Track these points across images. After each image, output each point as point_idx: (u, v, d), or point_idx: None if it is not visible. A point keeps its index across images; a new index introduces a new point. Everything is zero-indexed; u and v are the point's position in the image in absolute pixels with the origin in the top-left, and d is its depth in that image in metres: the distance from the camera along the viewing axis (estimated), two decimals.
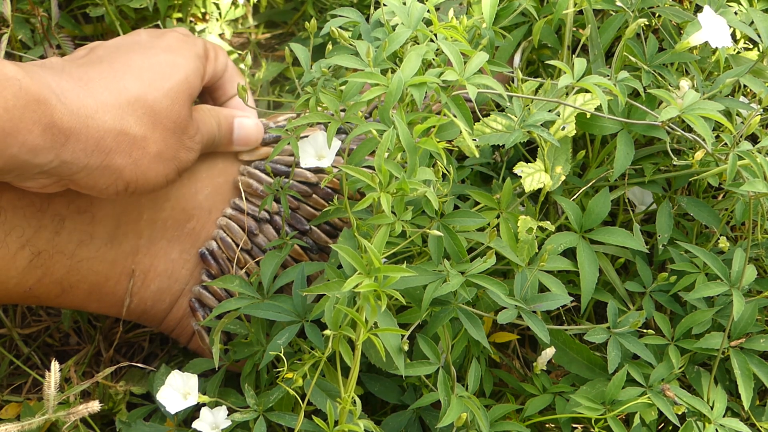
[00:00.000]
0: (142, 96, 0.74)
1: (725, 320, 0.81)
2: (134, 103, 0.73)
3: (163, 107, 0.75)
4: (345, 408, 0.68)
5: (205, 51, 0.82)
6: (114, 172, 0.73)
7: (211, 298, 0.86)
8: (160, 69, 0.76)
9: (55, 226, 0.79)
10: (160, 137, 0.75)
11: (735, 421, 0.78)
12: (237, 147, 0.86)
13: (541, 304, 0.76)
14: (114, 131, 0.72)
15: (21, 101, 0.65)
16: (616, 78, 0.77)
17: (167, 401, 0.76)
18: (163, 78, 0.75)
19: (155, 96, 0.74)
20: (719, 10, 0.81)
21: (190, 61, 0.78)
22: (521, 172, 0.78)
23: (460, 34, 0.73)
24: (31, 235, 0.78)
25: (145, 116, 0.74)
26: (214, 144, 0.83)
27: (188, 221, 0.86)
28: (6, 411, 0.94)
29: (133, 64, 0.75)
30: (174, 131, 0.76)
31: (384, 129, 0.68)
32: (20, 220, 0.77)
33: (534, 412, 0.82)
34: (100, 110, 0.71)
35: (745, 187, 0.73)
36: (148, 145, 0.74)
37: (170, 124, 0.75)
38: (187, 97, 0.77)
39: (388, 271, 0.64)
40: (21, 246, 0.78)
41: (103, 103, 0.71)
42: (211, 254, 0.86)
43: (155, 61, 0.76)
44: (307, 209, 0.87)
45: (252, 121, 0.86)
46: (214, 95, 0.88)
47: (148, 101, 0.74)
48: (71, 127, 0.69)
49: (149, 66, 0.75)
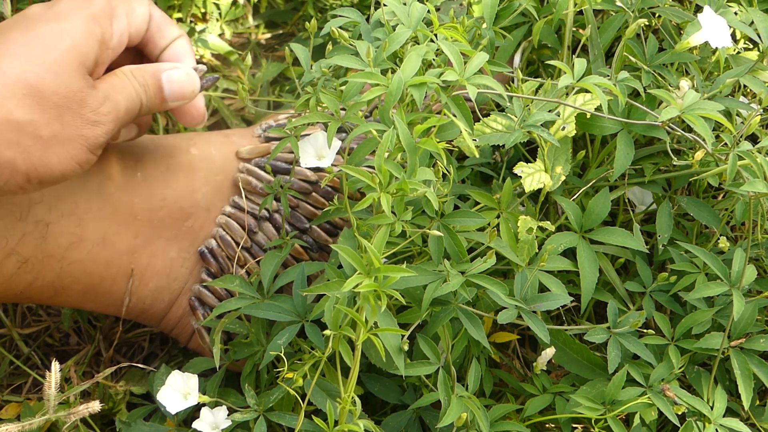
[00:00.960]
0: (21, 75, 0.66)
1: (725, 320, 0.81)
2: (11, 85, 0.65)
3: (47, 83, 0.67)
4: (345, 408, 0.68)
5: (107, 8, 0.72)
6: (5, 167, 0.67)
7: (211, 296, 0.86)
8: (41, 42, 0.68)
9: (40, 232, 0.78)
10: (52, 117, 0.67)
11: (735, 421, 0.78)
12: (172, 103, 0.77)
13: (541, 304, 0.76)
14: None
15: None
16: (616, 78, 0.77)
17: (167, 401, 0.76)
18: (44, 50, 0.67)
19: (36, 72, 0.66)
20: (719, 11, 0.81)
21: (78, 25, 0.70)
22: (521, 172, 0.78)
23: (460, 34, 0.73)
24: (16, 243, 0.77)
25: (26, 97, 0.66)
26: (142, 109, 0.75)
27: (186, 220, 0.86)
28: (6, 411, 0.94)
29: (10, 42, 0.67)
30: (68, 107, 0.68)
31: (384, 129, 0.68)
32: (1, 230, 0.76)
33: (534, 412, 0.82)
34: None
35: (745, 187, 0.73)
36: (38, 128, 0.67)
37: (60, 100, 0.68)
38: (77, 66, 0.69)
39: (388, 271, 0.64)
40: (6, 255, 0.77)
41: None
42: (211, 252, 0.86)
43: (35, 34, 0.68)
44: (307, 207, 0.87)
45: (181, 71, 0.77)
46: (146, 51, 0.80)
47: (28, 80, 0.66)
48: None
49: (28, 40, 0.67)
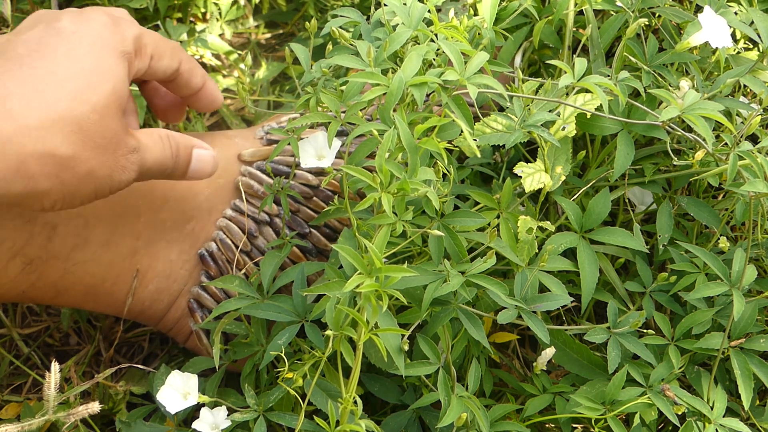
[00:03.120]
0: (68, 112, 0.67)
1: (725, 320, 0.81)
2: (59, 121, 0.66)
3: (92, 123, 0.68)
4: (346, 408, 0.68)
5: (137, 46, 0.73)
6: (39, 195, 0.67)
7: (210, 299, 0.86)
8: (86, 78, 0.68)
9: (47, 234, 0.78)
10: (92, 155, 0.68)
11: (735, 421, 0.78)
12: (190, 178, 0.79)
13: (541, 304, 0.76)
14: (36, 155, 0.65)
15: None
16: (616, 78, 0.77)
17: (167, 401, 0.76)
18: (89, 88, 0.68)
19: (82, 111, 0.67)
20: (719, 11, 0.81)
21: (117, 65, 0.71)
22: (521, 173, 0.78)
23: (460, 34, 0.73)
24: (23, 244, 0.77)
25: (72, 134, 0.67)
26: (166, 172, 0.77)
27: (188, 222, 0.86)
28: (6, 411, 0.94)
29: (57, 71, 0.68)
30: (106, 148, 0.69)
31: (385, 129, 0.68)
32: (10, 232, 0.76)
33: (534, 412, 0.82)
34: (18, 133, 0.64)
35: (746, 187, 0.73)
36: (78, 164, 0.68)
37: (101, 141, 0.69)
38: (116, 109, 0.70)
39: (389, 271, 0.64)
40: (12, 256, 0.77)
41: (24, 125, 0.65)
42: (211, 255, 0.86)
43: (80, 68, 0.68)
44: (308, 212, 0.87)
45: (210, 153, 0.80)
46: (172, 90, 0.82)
47: (75, 117, 0.67)
48: None
49: (74, 74, 0.68)
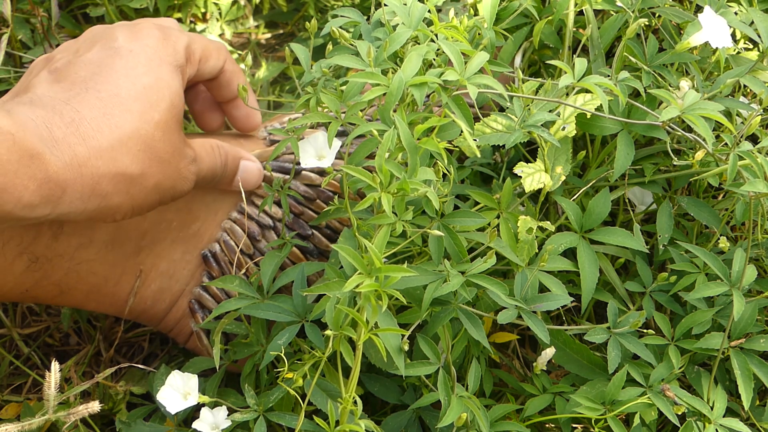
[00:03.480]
0: (135, 132, 0.71)
1: (725, 320, 0.81)
2: (128, 141, 0.70)
3: (157, 139, 0.72)
4: (346, 408, 0.68)
5: (187, 55, 0.77)
6: (111, 210, 0.71)
7: (211, 300, 0.86)
8: (147, 97, 0.72)
9: (53, 232, 0.79)
10: (158, 170, 0.73)
11: (735, 421, 0.78)
12: (235, 188, 0.84)
13: (541, 304, 0.76)
14: (109, 175, 0.69)
15: (15, 156, 0.63)
16: (616, 78, 0.77)
17: (167, 401, 0.76)
18: (151, 107, 0.72)
19: (147, 130, 0.71)
20: (719, 11, 0.81)
21: (173, 79, 0.75)
22: (521, 173, 0.78)
23: (460, 34, 0.73)
24: (29, 242, 0.78)
25: (141, 153, 0.71)
26: (215, 180, 0.81)
27: (194, 222, 0.86)
28: (6, 411, 0.94)
29: (120, 93, 0.71)
30: (170, 162, 0.74)
31: (385, 129, 0.68)
32: (17, 230, 0.77)
33: (534, 412, 0.82)
34: (93, 156, 0.68)
35: (746, 187, 0.73)
36: (146, 180, 0.72)
37: (165, 155, 0.73)
38: (176, 123, 0.74)
39: (389, 271, 0.64)
40: (19, 253, 0.77)
41: (96, 148, 0.68)
42: (214, 257, 0.86)
43: (140, 87, 0.72)
44: (311, 215, 0.87)
45: (256, 165, 0.84)
46: (212, 92, 0.86)
47: (141, 137, 0.71)
48: (66, 179, 0.66)
49: (136, 94, 0.72)
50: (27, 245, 0.77)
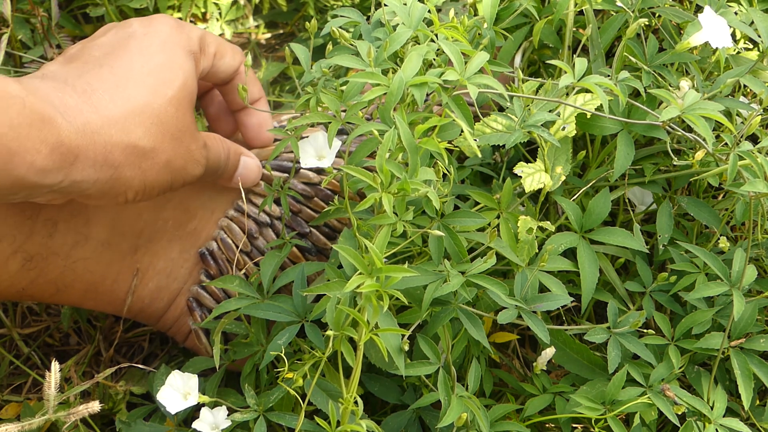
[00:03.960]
0: (148, 105, 0.71)
1: (725, 320, 0.81)
2: (140, 114, 0.71)
3: (170, 116, 0.73)
4: (347, 408, 0.68)
5: (201, 45, 0.78)
6: (123, 183, 0.71)
7: (209, 298, 0.86)
8: (161, 73, 0.73)
9: (48, 230, 0.78)
10: (169, 146, 0.73)
11: (735, 421, 0.78)
12: (235, 184, 0.84)
13: (541, 304, 0.76)
14: (122, 145, 0.70)
15: (26, 119, 0.63)
16: (616, 78, 0.77)
17: (167, 401, 0.76)
18: (165, 84, 0.73)
19: (160, 104, 0.72)
20: (719, 11, 0.81)
21: (186, 62, 0.75)
22: (521, 173, 0.78)
23: (460, 34, 0.73)
24: (23, 240, 0.77)
25: (153, 126, 0.72)
26: (218, 172, 0.81)
27: (190, 221, 0.86)
28: (6, 411, 0.94)
29: (134, 68, 0.72)
30: (181, 140, 0.74)
31: (385, 129, 0.68)
32: (10, 228, 0.76)
33: (534, 412, 0.82)
34: (105, 125, 0.69)
35: (746, 187, 0.73)
36: (157, 155, 0.72)
37: (177, 133, 0.73)
38: (189, 103, 0.75)
39: (390, 271, 0.64)
40: (13, 252, 0.77)
41: (109, 117, 0.69)
42: (211, 255, 0.86)
43: (154, 65, 0.73)
44: (309, 213, 0.87)
45: (256, 162, 0.84)
46: (227, 99, 0.86)
47: (154, 110, 0.72)
48: (79, 145, 0.67)
49: (149, 70, 0.73)
50: (21, 243, 0.77)
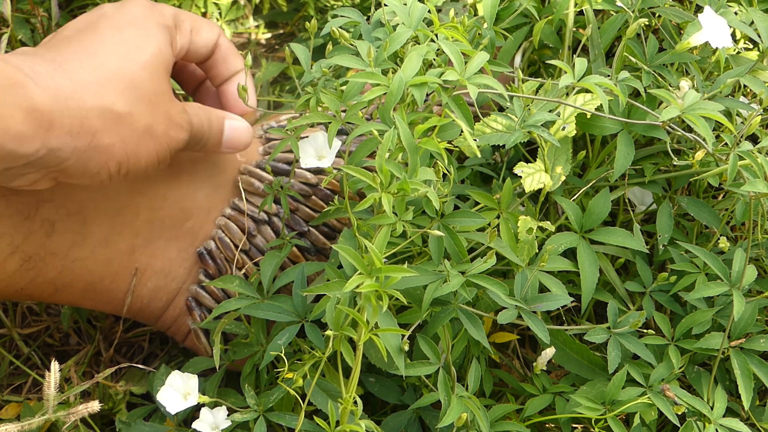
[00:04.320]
0: (120, 70, 0.71)
1: (725, 320, 0.81)
2: (113, 78, 0.70)
3: (144, 80, 0.72)
4: (347, 408, 0.68)
5: (175, 21, 0.77)
6: (104, 153, 0.70)
7: (208, 297, 0.86)
8: (132, 42, 0.73)
9: (45, 230, 0.78)
10: (147, 111, 0.72)
11: (735, 421, 0.78)
12: (226, 149, 0.82)
13: (541, 304, 0.76)
14: (97, 109, 0.69)
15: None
16: (616, 78, 0.77)
17: (167, 401, 0.76)
18: (136, 50, 0.72)
19: (133, 69, 0.71)
20: (719, 11, 0.81)
21: (159, 33, 0.75)
22: (521, 173, 0.78)
23: (460, 34, 0.73)
24: (21, 241, 0.77)
25: (126, 90, 0.71)
26: (202, 140, 0.80)
27: (187, 220, 0.86)
28: (6, 411, 0.94)
29: (105, 40, 0.72)
30: (159, 104, 0.73)
31: (385, 129, 0.68)
32: (8, 228, 0.76)
33: (534, 412, 0.82)
34: (78, 90, 0.68)
35: (746, 187, 0.73)
36: (135, 120, 0.71)
37: (154, 97, 0.72)
38: (164, 70, 0.74)
39: (390, 271, 0.64)
40: (11, 252, 0.77)
41: (81, 81, 0.68)
42: (209, 254, 0.86)
43: (125, 35, 0.73)
44: (306, 211, 0.87)
45: (243, 123, 0.82)
46: (209, 76, 0.85)
47: (126, 75, 0.71)
48: (53, 110, 0.66)
49: (120, 40, 0.72)
50: (19, 244, 0.77)
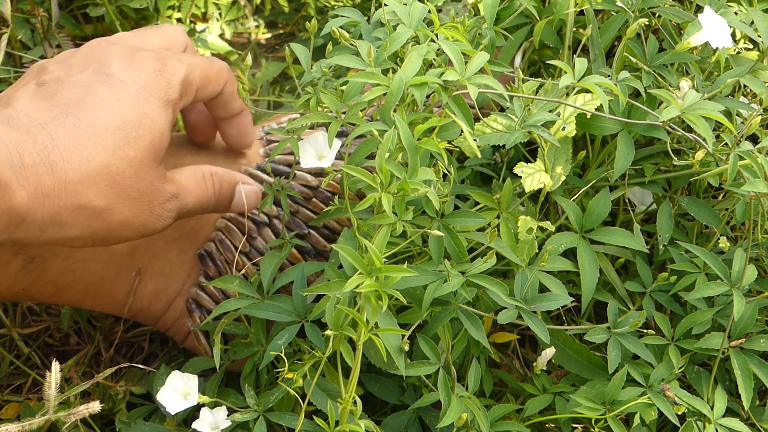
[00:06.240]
0: (104, 167, 0.69)
1: (725, 320, 0.81)
2: (96, 176, 0.69)
3: (129, 177, 0.71)
4: (346, 408, 0.68)
5: (183, 88, 0.75)
6: (68, 241, 0.70)
7: (208, 299, 0.86)
8: (125, 132, 0.70)
9: None
10: (125, 207, 0.71)
11: (735, 421, 0.78)
12: (233, 211, 0.83)
13: (542, 304, 0.76)
14: (70, 207, 0.68)
15: None
16: (616, 78, 0.77)
17: (167, 401, 0.76)
18: (128, 143, 0.70)
19: (118, 166, 0.70)
20: (719, 11, 0.81)
21: (159, 116, 0.73)
22: (521, 173, 0.78)
23: (461, 34, 0.73)
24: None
25: (107, 188, 0.70)
26: (208, 210, 0.80)
27: (187, 222, 0.86)
28: (6, 411, 0.94)
29: (99, 124, 0.70)
30: (140, 200, 0.72)
31: (385, 129, 0.68)
32: None
33: (534, 412, 0.82)
34: (57, 188, 0.67)
35: (746, 187, 0.73)
36: (110, 215, 0.70)
37: (135, 194, 0.71)
38: (152, 162, 0.72)
39: (390, 271, 0.64)
40: (14, 254, 0.77)
41: (62, 180, 0.67)
42: (210, 256, 0.86)
43: (121, 120, 0.70)
44: (307, 213, 0.87)
45: (254, 189, 0.82)
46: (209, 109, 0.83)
47: (110, 172, 0.70)
48: (28, 209, 0.65)
49: (114, 128, 0.70)
50: (22, 245, 0.77)
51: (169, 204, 0.74)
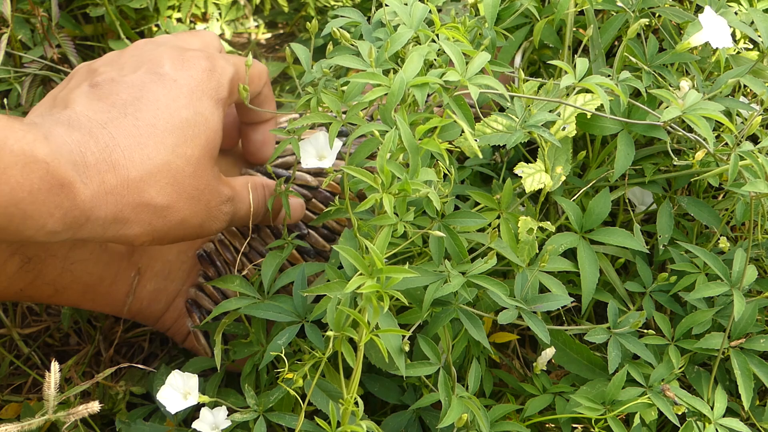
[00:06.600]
0: (165, 165, 0.70)
1: (725, 320, 0.82)
2: (158, 173, 0.70)
3: (188, 175, 0.72)
4: (348, 409, 0.68)
5: (231, 87, 0.76)
6: (129, 239, 0.71)
7: (207, 299, 0.86)
8: (183, 131, 0.71)
9: None
10: (185, 205, 0.72)
11: (735, 421, 0.78)
12: (277, 223, 0.85)
13: (542, 304, 0.76)
14: (132, 204, 0.69)
15: (46, 185, 0.63)
16: (617, 78, 0.77)
17: (167, 401, 0.76)
18: (185, 142, 0.71)
19: (178, 164, 0.71)
20: (720, 11, 0.81)
21: (212, 115, 0.74)
22: (521, 173, 0.78)
23: (461, 34, 0.73)
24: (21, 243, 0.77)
25: (168, 186, 0.70)
26: (257, 219, 0.81)
27: None
28: (6, 411, 0.94)
29: (157, 124, 0.70)
30: (199, 199, 0.73)
31: (386, 130, 0.68)
32: None
33: (534, 412, 0.82)
34: (120, 185, 0.68)
35: (746, 187, 0.73)
36: (171, 213, 0.71)
37: (194, 192, 0.72)
38: (209, 160, 0.74)
39: (391, 271, 0.64)
40: (11, 254, 0.77)
41: (124, 177, 0.68)
42: (209, 256, 0.86)
43: (178, 120, 0.71)
44: (306, 214, 0.87)
45: (299, 202, 0.84)
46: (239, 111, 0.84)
47: (171, 170, 0.70)
48: (92, 207, 0.66)
49: (173, 127, 0.71)
50: (20, 246, 0.77)
51: (225, 207, 0.76)
